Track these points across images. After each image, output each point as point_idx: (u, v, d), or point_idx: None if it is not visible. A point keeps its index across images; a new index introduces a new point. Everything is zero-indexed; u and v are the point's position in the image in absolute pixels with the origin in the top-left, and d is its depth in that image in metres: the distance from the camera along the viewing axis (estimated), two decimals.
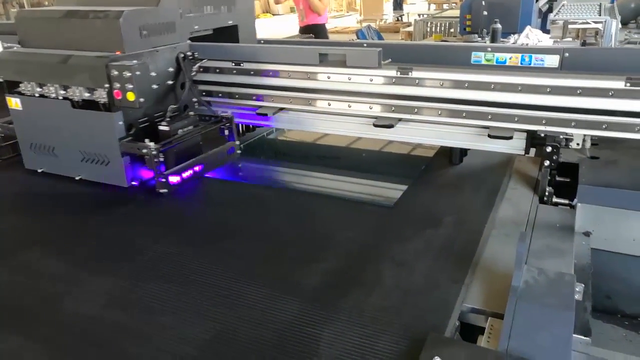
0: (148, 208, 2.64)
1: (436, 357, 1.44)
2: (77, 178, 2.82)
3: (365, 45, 3.24)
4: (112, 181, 2.72)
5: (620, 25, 7.35)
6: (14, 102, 2.90)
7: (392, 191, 2.72)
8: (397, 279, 1.95)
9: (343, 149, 3.41)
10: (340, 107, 2.88)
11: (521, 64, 2.70)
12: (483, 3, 7.39)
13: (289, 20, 19.16)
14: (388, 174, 3.03)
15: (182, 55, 2.86)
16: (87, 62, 2.58)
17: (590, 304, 1.83)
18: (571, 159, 2.58)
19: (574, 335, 1.59)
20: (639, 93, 2.22)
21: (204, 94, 3.19)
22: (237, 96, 3.13)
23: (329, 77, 2.82)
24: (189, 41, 2.99)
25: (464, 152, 2.93)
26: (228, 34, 3.28)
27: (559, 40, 6.82)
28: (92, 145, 2.71)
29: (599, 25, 6.89)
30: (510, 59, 2.74)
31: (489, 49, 2.77)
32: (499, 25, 6.42)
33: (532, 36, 6.13)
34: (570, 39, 7.05)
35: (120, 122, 2.62)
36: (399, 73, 2.66)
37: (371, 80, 2.73)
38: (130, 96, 2.47)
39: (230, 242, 2.27)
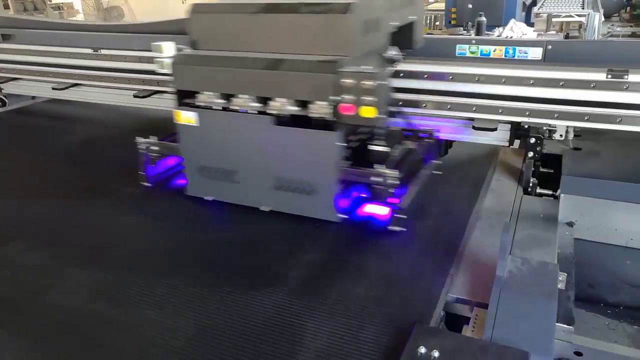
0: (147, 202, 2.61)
1: (421, 346, 1.45)
2: (264, 209, 2.35)
3: None
4: (318, 214, 2.25)
5: (603, 19, 7.42)
6: (186, 117, 2.36)
7: None
8: (382, 269, 1.96)
9: None
10: None
11: (505, 56, 2.71)
12: None
13: None
14: None
15: (389, 56, 2.39)
16: (308, 68, 2.05)
17: (574, 293, 1.86)
18: (554, 150, 2.60)
19: (557, 323, 1.62)
20: (620, 85, 2.25)
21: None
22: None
23: None
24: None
25: (449, 144, 2.95)
26: (405, 31, 2.60)
27: (542, 33, 6.88)
28: (295, 170, 2.22)
29: (582, 19, 6.95)
30: (494, 51, 2.75)
31: (474, 42, 2.78)
32: (483, 19, 6.46)
33: (516, 29, 6.17)
34: (553, 32, 7.11)
35: (340, 143, 2.12)
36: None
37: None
38: (369, 112, 1.97)
39: (217, 234, 2.27)
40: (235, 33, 2.28)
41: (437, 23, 9.35)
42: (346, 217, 2.22)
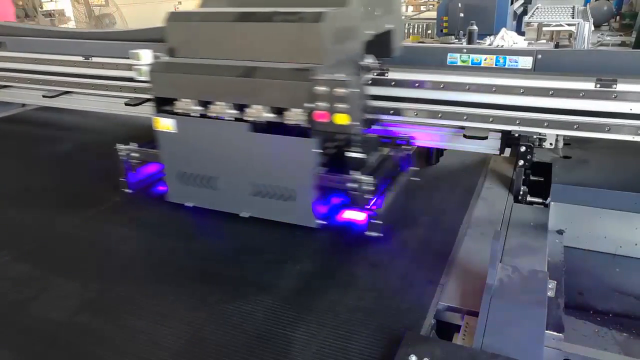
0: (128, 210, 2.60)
1: (412, 354, 1.46)
2: (244, 216, 2.35)
3: None
4: (296, 220, 2.26)
5: (593, 28, 7.50)
6: (165, 124, 2.37)
7: None
8: (372, 279, 1.96)
9: None
10: None
11: (496, 65, 2.73)
12: (459, 5, 7.47)
13: None
14: None
15: (365, 64, 2.41)
16: (283, 76, 2.08)
17: (563, 301, 1.87)
18: (545, 158, 2.62)
19: (546, 331, 1.62)
20: (608, 94, 2.27)
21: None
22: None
23: None
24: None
25: (440, 152, 2.96)
26: (382, 39, 2.63)
27: (533, 42, 6.94)
28: (273, 176, 2.24)
29: (572, 28, 7.03)
30: (485, 60, 2.77)
31: (465, 51, 2.80)
32: (475, 27, 6.51)
33: (507, 38, 6.22)
34: (544, 41, 7.18)
35: (317, 150, 2.14)
36: (375, 74, 2.67)
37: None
38: (342, 119, 2.00)
39: (203, 242, 2.27)
40: (211, 41, 2.30)
41: (429, 31, 9.42)
42: (324, 223, 2.24)
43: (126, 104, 3.47)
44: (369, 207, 2.16)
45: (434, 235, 2.23)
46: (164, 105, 2.36)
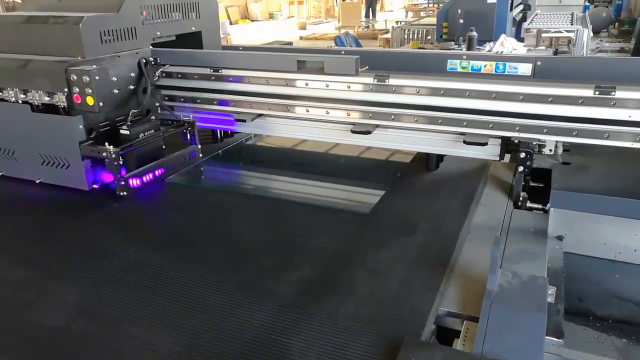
0: (112, 213, 2.60)
1: (412, 359, 1.46)
2: (37, 181, 2.85)
3: (343, 52, 3.27)
4: (73, 184, 2.76)
5: (592, 34, 7.54)
6: None
7: (368, 197, 2.74)
8: (372, 286, 1.96)
9: (321, 155, 3.43)
10: (318, 113, 2.91)
11: (495, 71, 2.75)
12: (459, 11, 7.52)
13: (267, 26, 19.19)
14: (365, 180, 3.06)
15: (144, 60, 2.91)
16: (47, 67, 2.61)
17: (563, 307, 1.88)
18: (544, 164, 2.63)
19: (546, 337, 1.63)
20: (607, 101, 2.29)
21: (183, 100, 3.23)
22: (215, 102, 3.14)
23: (307, 84, 2.84)
24: (151, 47, 3.06)
25: (440, 158, 2.97)
26: (192, 39, 3.35)
27: (532, 48, 6.97)
28: (52, 148, 2.75)
29: (571, 34, 7.06)
30: (485, 66, 2.79)
31: (464, 57, 2.82)
32: (474, 33, 6.54)
33: (506, 44, 6.25)
34: (543, 47, 7.21)
35: (81, 126, 2.66)
36: (376, 80, 2.69)
37: (349, 87, 2.76)
38: (90, 100, 2.50)
39: (201, 249, 2.26)
40: (7, 39, 2.88)
41: (429, 37, 9.46)
42: (96, 187, 2.76)
43: None
44: (119, 173, 2.63)
45: (434, 241, 2.23)
46: None
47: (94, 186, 2.76)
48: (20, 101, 2.74)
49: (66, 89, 2.54)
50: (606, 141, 2.35)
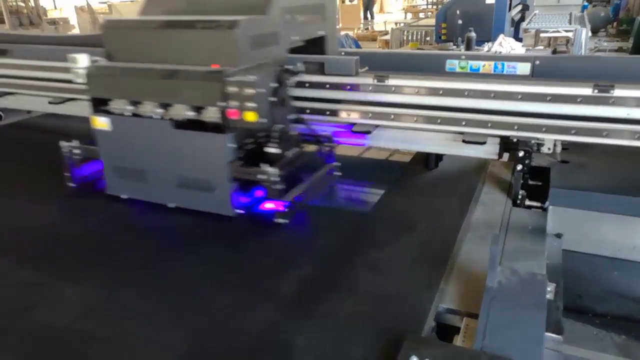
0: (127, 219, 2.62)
1: (413, 356, 1.48)
2: (170, 206, 2.54)
3: (342, 53, 3.28)
4: (215, 209, 2.44)
5: (590, 34, 7.55)
6: (101, 122, 2.57)
7: (368, 196, 2.76)
8: (372, 284, 1.97)
9: None
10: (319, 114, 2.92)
11: (494, 71, 2.77)
12: (458, 12, 7.54)
13: None
14: (365, 180, 3.07)
15: (285, 68, 2.53)
16: (199, 78, 2.30)
17: (562, 304, 1.89)
18: (543, 163, 2.65)
19: (546, 333, 1.64)
20: (605, 99, 2.30)
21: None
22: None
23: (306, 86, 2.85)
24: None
25: (439, 157, 2.99)
26: (317, 45, 2.98)
27: (531, 48, 6.99)
28: (194, 169, 2.44)
29: (570, 34, 7.08)
30: (483, 66, 2.80)
31: (463, 57, 2.83)
32: (473, 34, 6.56)
33: (505, 44, 6.27)
34: (542, 47, 7.23)
35: (232, 145, 2.34)
36: (375, 81, 2.71)
37: (348, 87, 2.77)
38: (251, 116, 2.19)
39: (204, 248, 2.27)
40: (142, 45, 2.53)
41: (428, 38, 9.47)
42: (242, 212, 2.43)
43: None
44: (279, 196, 2.34)
45: (433, 239, 2.25)
46: (100, 105, 2.54)
47: (239, 212, 2.44)
48: (157, 116, 2.40)
49: (221, 103, 2.23)
50: (605, 139, 2.36)
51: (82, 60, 2.52)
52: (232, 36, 2.28)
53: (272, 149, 2.45)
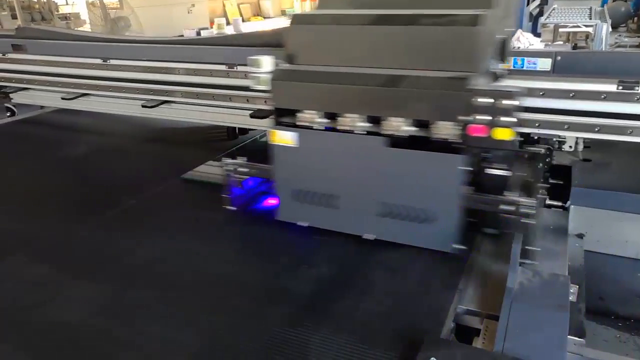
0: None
1: (432, 358, 1.45)
2: (367, 237, 2.16)
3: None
4: (432, 244, 2.07)
5: (610, 29, 7.42)
6: (284, 137, 2.18)
7: None
8: (390, 283, 1.94)
9: None
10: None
11: (514, 67, 2.71)
12: None
13: (279, 23, 19.17)
14: None
15: (497, 72, 2.20)
16: (434, 86, 1.88)
17: (584, 306, 1.85)
18: (564, 161, 2.59)
19: (568, 336, 1.60)
20: (631, 96, 2.24)
21: None
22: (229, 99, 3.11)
23: None
24: None
25: None
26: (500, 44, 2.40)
27: (550, 43, 6.87)
28: (408, 196, 2.04)
29: (590, 29, 6.96)
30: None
31: None
32: None
33: (523, 39, 6.16)
34: (560, 42, 7.11)
35: (464, 167, 1.95)
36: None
37: None
38: (505, 133, 1.84)
39: (218, 246, 2.26)
40: (341, 47, 2.10)
41: None
42: (463, 248, 2.04)
43: (143, 106, 3.50)
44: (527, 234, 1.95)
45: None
46: (283, 116, 2.19)
47: (460, 247, 2.04)
48: (360, 131, 2.04)
49: (464, 117, 1.86)
50: (629, 137, 2.29)
51: (266, 64, 2.14)
52: (475, 35, 1.87)
53: (498, 170, 2.01)
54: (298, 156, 2.18)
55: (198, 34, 10.05)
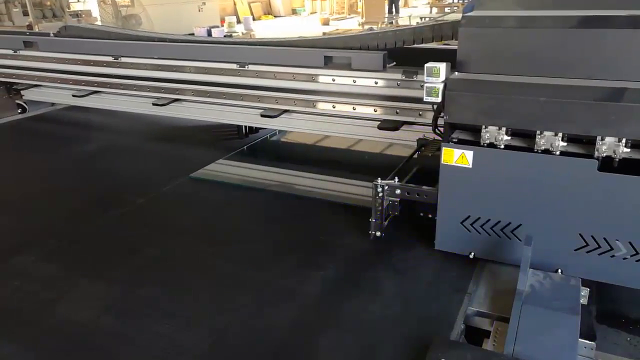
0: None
1: (442, 359, 1.44)
2: (559, 273, 1.87)
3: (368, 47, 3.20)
4: (628, 282, 1.87)
5: None
6: (460, 156, 1.91)
7: None
8: (399, 286, 1.94)
9: (345, 151, 3.41)
10: (345, 109, 2.88)
11: None
12: None
13: (290, 22, 19.21)
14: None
15: None
16: None
17: (595, 308, 1.83)
18: None
19: (578, 339, 1.60)
20: None
21: None
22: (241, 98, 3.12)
23: (333, 80, 2.82)
24: None
25: None
26: None
27: None
28: (627, 229, 1.77)
29: None
30: None
31: None
32: None
33: None
34: None
35: None
36: (403, 76, 2.66)
37: (376, 83, 2.73)
38: None
39: (226, 246, 2.26)
40: (537, 54, 1.81)
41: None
42: None
43: (154, 104, 3.51)
44: None
45: None
46: (454, 132, 1.95)
47: None
48: (557, 151, 1.76)
49: None
50: None
51: (443, 72, 1.90)
52: None
53: None
54: (472, 178, 1.92)
55: (209, 32, 10.06)
